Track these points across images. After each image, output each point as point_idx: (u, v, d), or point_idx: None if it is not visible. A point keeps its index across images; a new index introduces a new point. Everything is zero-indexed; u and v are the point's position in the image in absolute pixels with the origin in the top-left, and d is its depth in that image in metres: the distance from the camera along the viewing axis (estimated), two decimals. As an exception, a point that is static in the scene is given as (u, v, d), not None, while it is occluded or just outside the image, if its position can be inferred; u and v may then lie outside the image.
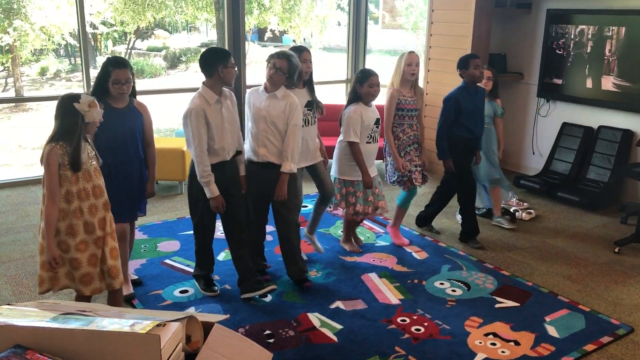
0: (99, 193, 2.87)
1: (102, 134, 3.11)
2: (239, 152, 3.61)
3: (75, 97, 2.77)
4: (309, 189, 6.02)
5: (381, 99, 4.35)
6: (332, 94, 8.29)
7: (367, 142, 4.06)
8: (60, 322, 1.48)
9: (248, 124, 3.76)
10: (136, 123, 3.41)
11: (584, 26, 5.79)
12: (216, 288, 3.77)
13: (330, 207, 4.28)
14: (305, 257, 4.14)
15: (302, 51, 3.92)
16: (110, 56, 3.31)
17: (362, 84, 3.98)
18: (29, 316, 1.55)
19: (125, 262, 3.56)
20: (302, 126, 3.78)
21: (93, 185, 2.84)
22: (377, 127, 4.10)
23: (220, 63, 3.33)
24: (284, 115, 3.61)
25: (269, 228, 4.17)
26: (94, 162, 2.88)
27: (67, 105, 2.77)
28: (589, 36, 5.78)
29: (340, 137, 4.08)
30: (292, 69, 3.62)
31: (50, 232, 2.73)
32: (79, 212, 2.80)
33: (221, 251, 4.37)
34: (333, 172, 4.18)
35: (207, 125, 3.33)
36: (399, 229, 4.70)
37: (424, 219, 4.93)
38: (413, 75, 4.27)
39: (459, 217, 4.87)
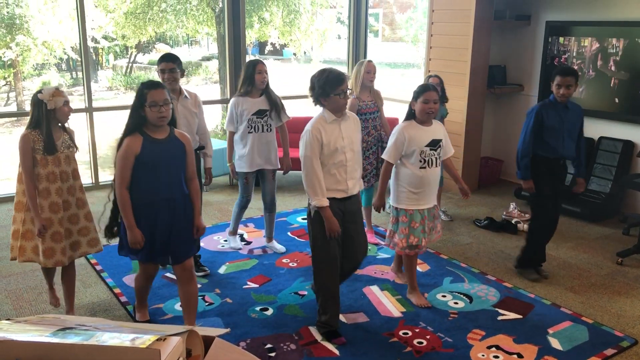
0: (65, 178, 3.26)
1: (143, 170, 2.93)
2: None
3: (40, 90, 3.19)
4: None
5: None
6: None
7: (421, 167, 3.55)
8: (60, 336, 1.47)
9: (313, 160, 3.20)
10: (179, 155, 3.05)
11: (583, 38, 5.82)
12: (205, 268, 4.09)
13: (385, 241, 3.95)
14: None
15: (256, 64, 4.31)
16: (143, 81, 3.04)
17: (416, 99, 3.53)
18: (29, 331, 1.54)
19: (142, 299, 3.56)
20: (252, 132, 4.30)
21: (61, 170, 3.24)
22: (435, 150, 3.57)
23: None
24: (359, 134, 3.38)
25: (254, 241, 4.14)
26: (66, 150, 3.26)
27: (34, 98, 3.19)
28: (588, 48, 5.80)
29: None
30: None
31: (35, 204, 3.16)
32: (46, 192, 3.20)
33: (222, 264, 4.36)
34: (390, 200, 3.77)
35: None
36: (372, 229, 4.94)
37: (526, 262, 4.26)
38: (371, 82, 4.65)
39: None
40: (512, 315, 3.70)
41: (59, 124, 3.27)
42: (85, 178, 8.74)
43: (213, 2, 10.92)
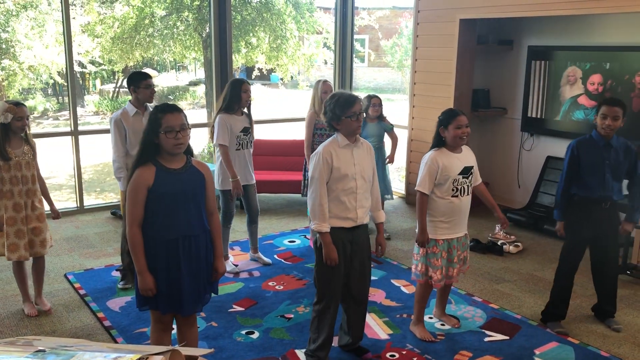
0: (24, 181, 3.68)
1: (158, 204, 2.64)
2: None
3: None
4: (297, 223, 6.00)
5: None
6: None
7: (453, 196, 3.42)
8: (40, 357, 1.45)
9: (318, 185, 3.10)
10: (198, 186, 2.73)
11: (564, 62, 5.93)
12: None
13: (413, 276, 3.71)
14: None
15: (242, 83, 4.46)
16: (157, 104, 2.79)
17: (447, 126, 3.37)
18: (9, 352, 1.52)
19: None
20: (240, 149, 4.47)
21: (22, 174, 3.67)
22: (467, 178, 3.44)
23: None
24: (372, 162, 3.27)
25: (250, 264, 4.12)
26: (27, 157, 3.69)
27: None
28: (570, 71, 5.91)
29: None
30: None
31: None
32: (9, 194, 3.65)
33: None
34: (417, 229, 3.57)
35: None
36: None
37: (549, 315, 3.90)
38: None
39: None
40: (499, 337, 3.69)
41: (21, 135, 3.70)
42: (70, 202, 8.67)
43: (200, 27, 11.00)
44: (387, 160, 5.62)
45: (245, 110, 4.56)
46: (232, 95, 4.40)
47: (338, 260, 3.10)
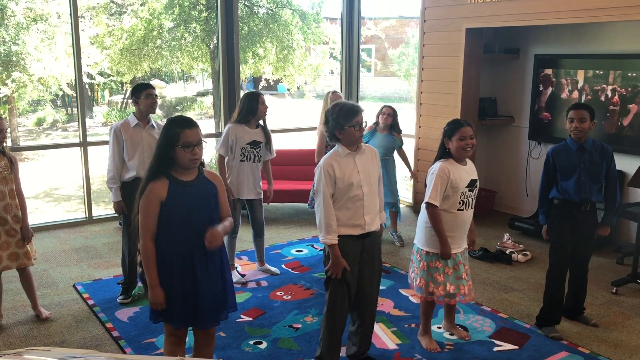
0: (1, 197, 3.64)
1: (171, 217, 2.62)
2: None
3: None
4: (304, 232, 6.01)
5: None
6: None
7: (459, 210, 3.38)
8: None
9: (323, 194, 3.08)
10: (211, 198, 2.72)
11: (571, 70, 5.92)
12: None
13: (415, 291, 3.66)
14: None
15: (259, 95, 4.46)
16: (172, 118, 2.71)
17: (451, 137, 3.34)
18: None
19: None
20: (244, 161, 4.44)
21: (3, 189, 3.65)
22: (472, 192, 3.40)
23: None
24: (377, 167, 3.27)
25: (255, 275, 4.12)
26: (4, 172, 3.65)
27: None
28: (576, 80, 5.90)
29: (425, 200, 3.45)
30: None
31: None
32: None
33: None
34: (415, 241, 3.58)
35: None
36: None
37: (544, 320, 3.92)
38: None
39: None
40: (508, 346, 3.67)
41: None
42: (79, 213, 8.71)
43: (208, 38, 11.08)
44: (411, 176, 5.90)
45: (261, 122, 4.53)
46: (248, 107, 4.41)
47: (347, 270, 3.10)
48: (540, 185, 3.87)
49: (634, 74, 5.38)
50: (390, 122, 5.48)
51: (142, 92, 4.15)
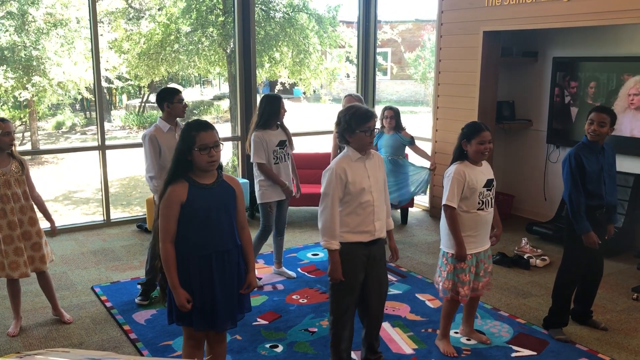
0: (15, 199, 3.63)
1: (191, 220, 2.64)
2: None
3: None
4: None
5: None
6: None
7: (479, 209, 3.38)
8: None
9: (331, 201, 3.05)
10: (230, 201, 2.74)
11: (590, 73, 5.86)
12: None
13: (441, 294, 3.61)
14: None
15: (280, 99, 4.52)
16: (188, 121, 2.75)
17: (470, 140, 3.33)
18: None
19: None
20: (278, 163, 4.49)
21: (12, 192, 3.63)
22: (490, 191, 3.41)
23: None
24: (383, 173, 3.25)
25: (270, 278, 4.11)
26: (16, 174, 3.64)
27: None
28: (596, 83, 5.83)
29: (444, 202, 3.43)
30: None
31: None
32: (2, 212, 3.61)
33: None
34: (442, 245, 3.54)
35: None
36: None
37: (552, 323, 3.88)
38: None
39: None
40: (526, 352, 3.62)
41: (7, 152, 3.66)
42: (97, 216, 8.80)
43: (224, 42, 11.13)
44: (431, 166, 5.87)
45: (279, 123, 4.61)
46: (271, 111, 4.44)
47: (355, 276, 3.10)
48: (571, 190, 3.59)
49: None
50: (394, 124, 5.66)
51: (174, 97, 4.14)
